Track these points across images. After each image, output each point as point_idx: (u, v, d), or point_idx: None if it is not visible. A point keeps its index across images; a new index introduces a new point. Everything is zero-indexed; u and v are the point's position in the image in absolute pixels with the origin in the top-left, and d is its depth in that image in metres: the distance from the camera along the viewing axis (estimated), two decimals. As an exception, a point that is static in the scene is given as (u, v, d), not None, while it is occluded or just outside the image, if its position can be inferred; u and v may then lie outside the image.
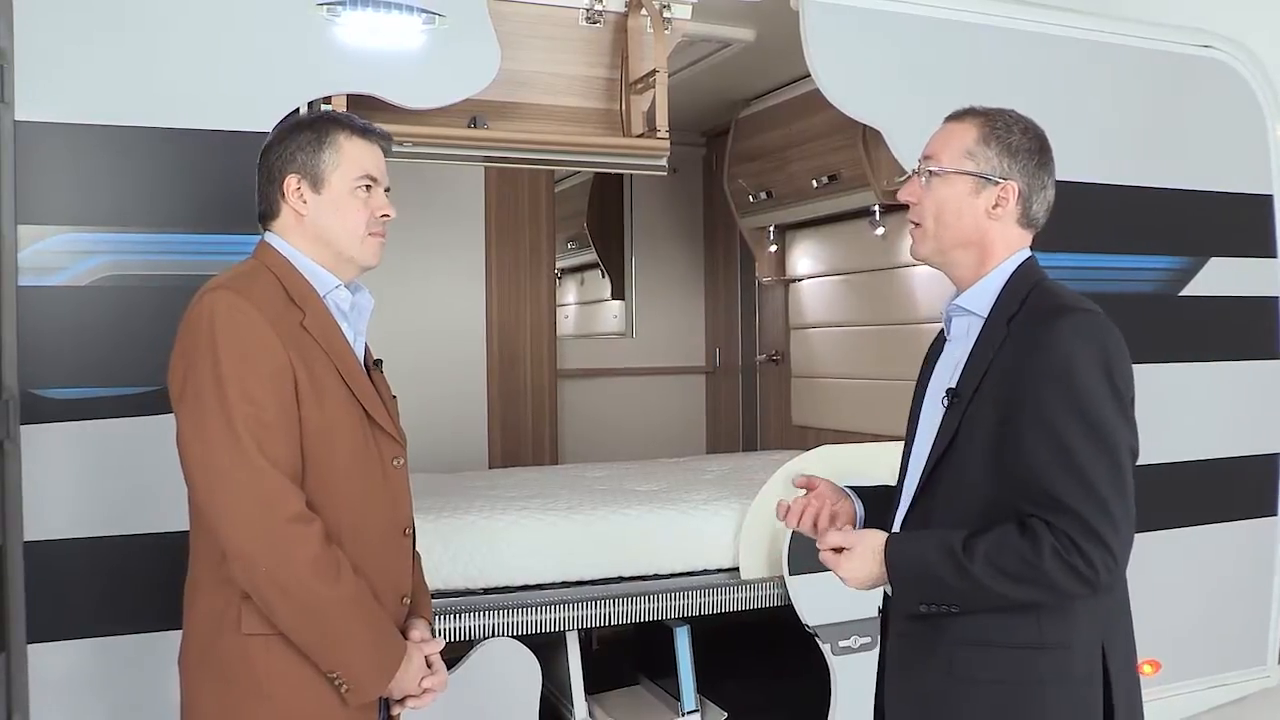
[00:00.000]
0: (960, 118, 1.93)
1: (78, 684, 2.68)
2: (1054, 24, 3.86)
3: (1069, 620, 1.77)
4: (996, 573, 1.70)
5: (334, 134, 2.01)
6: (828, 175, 4.79)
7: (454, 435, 5.32)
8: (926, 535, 1.83)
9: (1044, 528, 1.69)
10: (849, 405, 5.18)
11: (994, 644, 1.78)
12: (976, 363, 1.83)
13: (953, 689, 1.81)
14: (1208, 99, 4.13)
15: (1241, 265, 4.17)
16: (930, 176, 1.90)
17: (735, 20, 4.09)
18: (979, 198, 1.88)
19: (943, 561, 1.74)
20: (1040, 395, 1.72)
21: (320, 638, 1.86)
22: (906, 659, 1.92)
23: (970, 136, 1.88)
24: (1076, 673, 1.77)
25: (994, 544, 1.71)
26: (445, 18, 3.06)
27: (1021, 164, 1.88)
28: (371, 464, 1.99)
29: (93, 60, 2.71)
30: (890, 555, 1.80)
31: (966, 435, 1.81)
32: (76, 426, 2.66)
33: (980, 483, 1.79)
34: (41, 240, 2.65)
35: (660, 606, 3.49)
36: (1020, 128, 1.90)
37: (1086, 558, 1.68)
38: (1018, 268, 1.89)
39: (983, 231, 1.88)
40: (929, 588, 1.77)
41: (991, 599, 1.73)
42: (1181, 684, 4.07)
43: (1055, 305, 1.80)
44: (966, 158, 1.88)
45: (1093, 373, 1.72)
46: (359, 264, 2.05)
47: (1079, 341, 1.73)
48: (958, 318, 1.94)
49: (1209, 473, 4.08)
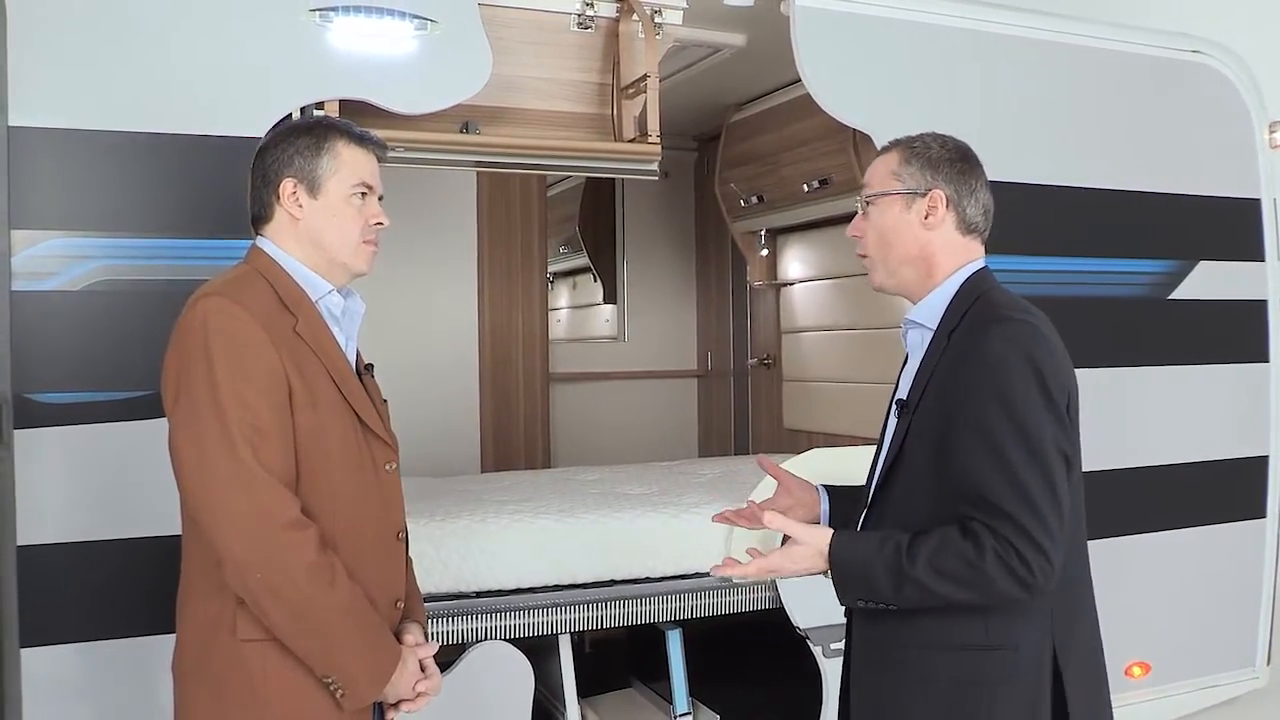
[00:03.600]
0: (885, 149, 2.05)
1: (70, 688, 2.68)
2: (1043, 29, 3.87)
3: (1015, 623, 1.83)
4: (937, 574, 1.76)
5: (333, 140, 2.01)
6: (819, 179, 4.80)
7: (446, 439, 5.32)
8: (871, 536, 1.90)
9: (985, 531, 1.74)
10: (840, 409, 5.18)
11: (944, 646, 1.85)
12: (922, 374, 1.92)
13: (906, 688, 1.89)
14: (1196, 104, 4.15)
15: (1231, 269, 4.19)
16: (868, 206, 2.00)
17: (726, 25, 4.10)
18: (911, 212, 1.97)
19: (885, 564, 1.79)
20: (974, 401, 1.79)
21: (315, 643, 1.87)
22: (866, 660, 1.99)
23: (894, 161, 1.99)
24: (1025, 673, 1.84)
25: (936, 546, 1.77)
26: (437, 23, 3.07)
27: (945, 173, 1.96)
28: (364, 469, 2.00)
29: (86, 66, 2.71)
30: (834, 555, 1.85)
31: (913, 444, 1.89)
32: (69, 431, 2.66)
33: (926, 489, 1.86)
34: (35, 245, 2.65)
35: (652, 609, 3.50)
36: (939, 143, 2.00)
37: (1025, 562, 1.73)
38: (966, 280, 1.96)
39: (922, 244, 1.97)
40: (871, 587, 1.83)
41: (931, 599, 1.78)
42: (1171, 686, 4.09)
43: (990, 315, 1.86)
44: (893, 179, 1.98)
45: (1022, 378, 1.78)
46: (352, 271, 2.06)
47: (1008, 347, 1.80)
48: (912, 330, 2.02)
49: (1199, 475, 4.10)
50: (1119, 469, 3.82)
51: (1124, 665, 3.94)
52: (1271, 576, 4.26)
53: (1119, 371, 3.87)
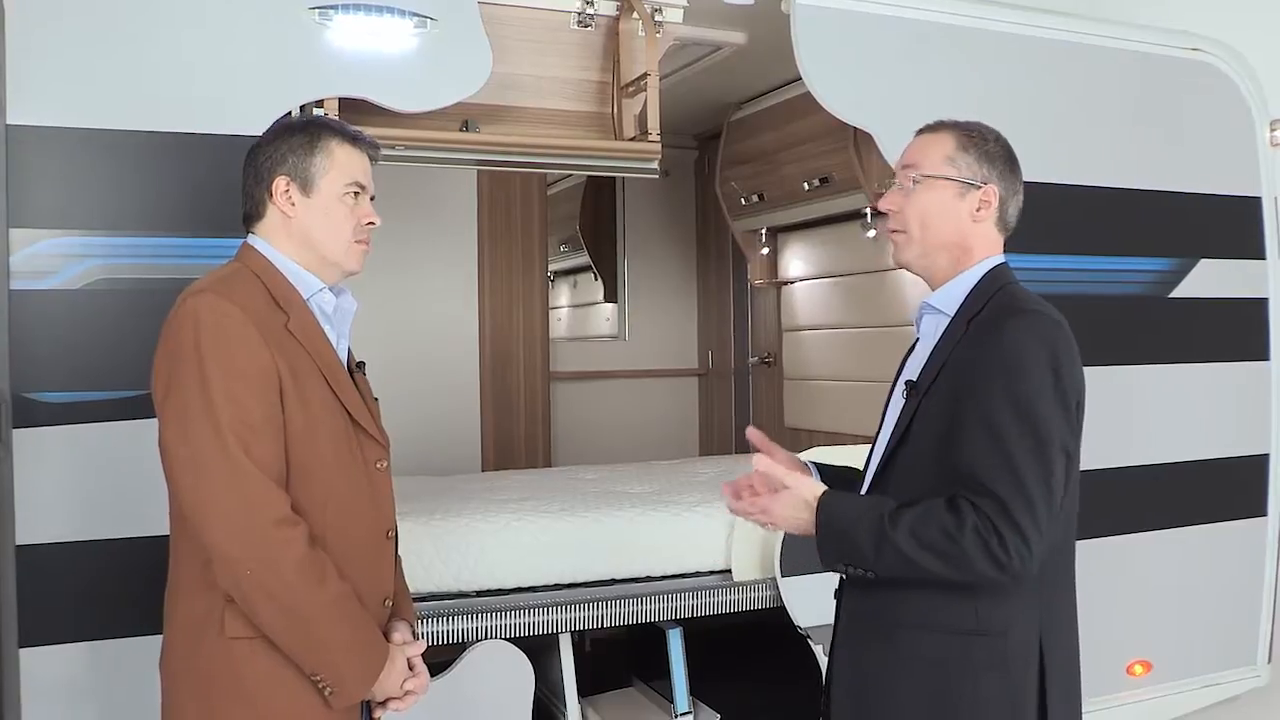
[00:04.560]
0: (935, 129, 2.02)
1: (70, 688, 2.67)
2: (1043, 27, 3.87)
3: (1006, 609, 1.84)
4: (916, 542, 1.76)
5: (326, 139, 2.01)
6: (819, 178, 4.80)
7: (447, 438, 5.32)
8: (860, 498, 1.92)
9: (969, 507, 1.75)
10: (841, 407, 5.19)
11: (934, 627, 1.86)
12: (936, 357, 1.92)
13: (893, 668, 1.91)
14: (1196, 102, 4.14)
15: (1231, 267, 4.18)
16: (915, 184, 1.97)
17: (726, 24, 4.10)
18: (963, 202, 1.96)
19: (869, 524, 1.80)
20: (986, 387, 1.80)
21: (304, 641, 1.87)
22: (853, 638, 2.01)
23: (949, 145, 1.97)
24: (1012, 659, 1.85)
25: (920, 515, 1.78)
26: (437, 21, 3.07)
27: (999, 170, 1.97)
28: (355, 466, 1.99)
29: (84, 64, 2.70)
30: (821, 506, 1.86)
31: (920, 426, 1.90)
32: (68, 430, 2.65)
33: (929, 470, 1.86)
34: (33, 244, 2.65)
35: (653, 608, 3.50)
36: (993, 137, 2.00)
37: (1004, 543, 1.73)
38: (988, 271, 1.97)
39: (964, 234, 1.97)
40: (850, 546, 1.83)
41: (909, 568, 1.79)
42: (1172, 684, 4.08)
43: (1015, 307, 1.88)
44: (948, 164, 1.96)
45: (1039, 370, 1.80)
46: (343, 269, 2.06)
47: (1031, 339, 1.81)
48: (928, 315, 2.02)
49: (1200, 474, 4.09)
50: (1119, 467, 3.82)
51: (1125, 664, 3.94)
52: (1272, 575, 4.26)
53: (1119, 370, 3.86)
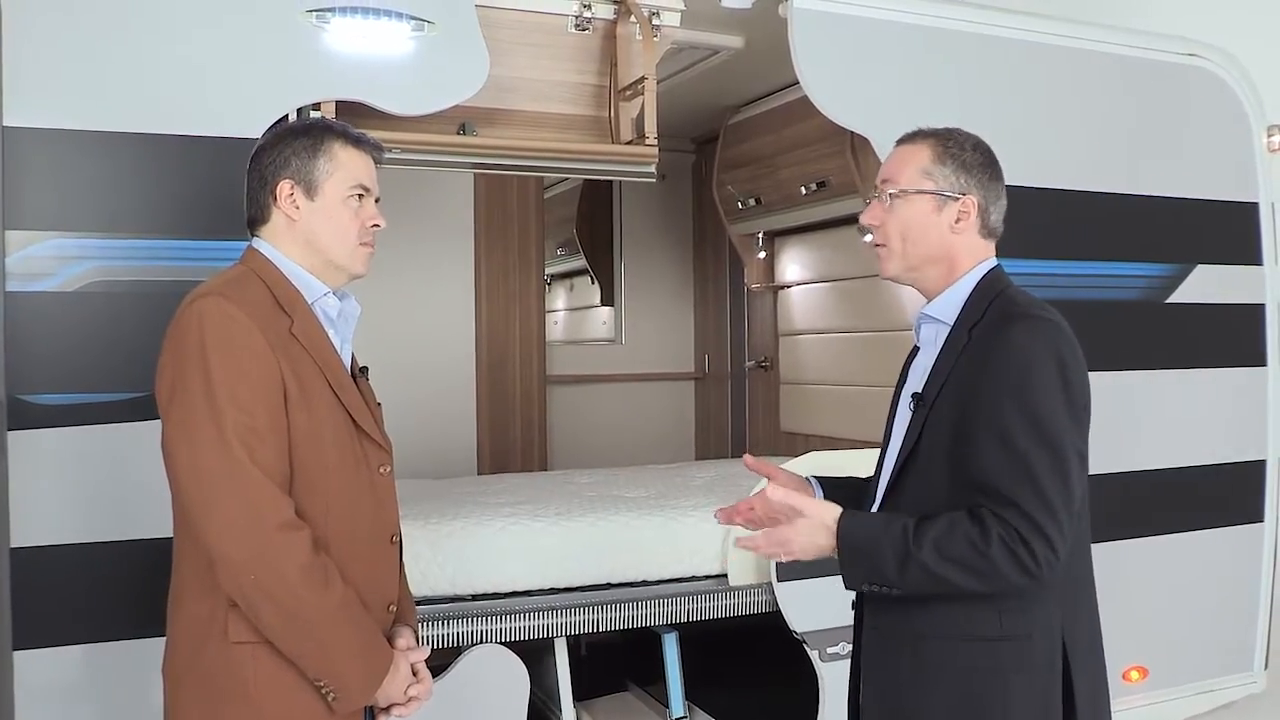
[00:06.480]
0: (912, 139, 2.01)
1: (64, 691, 2.67)
2: (1041, 32, 3.88)
3: (1028, 612, 1.84)
4: (942, 558, 1.76)
5: (330, 142, 2.01)
6: (816, 182, 4.80)
7: (443, 441, 5.32)
8: (880, 516, 1.91)
9: (992, 518, 1.75)
10: (837, 411, 5.19)
11: (959, 636, 1.86)
12: (941, 368, 1.92)
13: (921, 678, 1.90)
14: (1194, 107, 4.15)
15: (1228, 273, 4.19)
16: (892, 199, 1.97)
17: (724, 27, 4.10)
18: (941, 214, 1.96)
19: (892, 542, 1.79)
20: (995, 396, 1.80)
21: (308, 646, 1.86)
22: (878, 652, 1.99)
23: (925, 156, 1.97)
24: (1038, 661, 1.86)
25: (944, 530, 1.77)
26: (434, 24, 3.07)
27: (977, 178, 1.96)
28: (359, 471, 1.99)
29: (81, 66, 2.70)
30: (842, 529, 1.85)
31: (930, 438, 1.89)
32: (64, 432, 2.65)
33: (942, 483, 1.86)
34: (30, 246, 2.65)
35: (648, 613, 3.49)
36: (971, 144, 1.99)
37: (1031, 550, 1.74)
38: (983, 277, 1.96)
39: (947, 246, 1.96)
40: (874, 566, 1.82)
41: (935, 584, 1.78)
42: (1169, 690, 4.08)
43: (1015, 312, 1.87)
44: (924, 177, 1.96)
45: (1047, 376, 1.80)
46: (348, 272, 2.05)
47: (1036, 346, 1.81)
48: (926, 325, 2.02)
49: (1196, 480, 4.10)
50: (1116, 473, 3.82)
51: (1122, 669, 3.94)
52: (1269, 581, 4.26)
53: (1116, 375, 3.86)
